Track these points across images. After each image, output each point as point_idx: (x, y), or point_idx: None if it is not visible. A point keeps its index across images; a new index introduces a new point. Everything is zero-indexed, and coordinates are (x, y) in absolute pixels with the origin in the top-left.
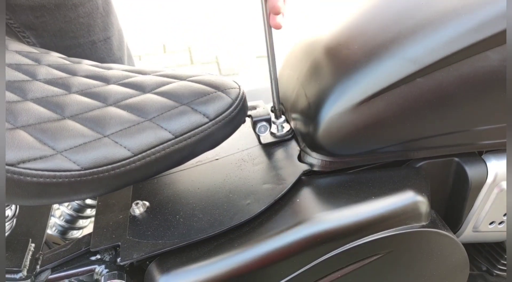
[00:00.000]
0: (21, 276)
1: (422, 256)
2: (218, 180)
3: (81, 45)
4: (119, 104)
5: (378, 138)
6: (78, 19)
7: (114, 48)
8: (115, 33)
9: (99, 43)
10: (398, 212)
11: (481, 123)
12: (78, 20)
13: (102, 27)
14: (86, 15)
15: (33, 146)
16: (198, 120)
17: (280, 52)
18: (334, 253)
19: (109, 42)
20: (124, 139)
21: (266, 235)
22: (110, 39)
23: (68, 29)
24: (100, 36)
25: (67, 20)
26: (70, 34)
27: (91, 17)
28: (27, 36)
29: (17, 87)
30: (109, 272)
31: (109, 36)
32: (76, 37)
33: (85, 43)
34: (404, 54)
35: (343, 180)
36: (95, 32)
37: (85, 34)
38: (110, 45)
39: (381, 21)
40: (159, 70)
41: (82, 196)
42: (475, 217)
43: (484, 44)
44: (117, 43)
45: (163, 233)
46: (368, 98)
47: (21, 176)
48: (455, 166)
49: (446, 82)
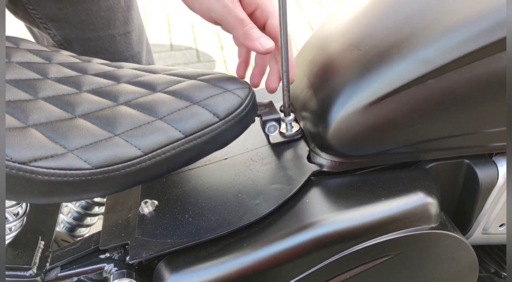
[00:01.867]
0: (31, 274)
1: (431, 258)
2: (227, 179)
3: (101, 38)
4: (130, 103)
5: (388, 139)
6: (99, 12)
7: (133, 43)
8: (135, 28)
9: (118, 37)
10: (408, 214)
11: (492, 126)
12: (99, 13)
13: (122, 21)
14: (107, 8)
15: (45, 144)
16: (208, 120)
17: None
18: (343, 254)
19: (128, 37)
20: (134, 139)
21: (275, 236)
22: (130, 33)
23: (88, 21)
24: (120, 30)
25: (88, 13)
26: (91, 27)
27: (111, 11)
28: (49, 28)
29: (29, 85)
30: (118, 270)
31: (129, 31)
32: (96, 30)
33: (105, 36)
34: (415, 55)
35: (353, 181)
36: (115, 26)
37: (105, 27)
38: (129, 39)
39: (393, 21)
40: (170, 69)
41: (92, 195)
42: (485, 219)
43: (496, 46)
44: (136, 38)
45: (172, 232)
46: (379, 99)
47: (33, 174)
48: (465, 168)
49: (458, 84)
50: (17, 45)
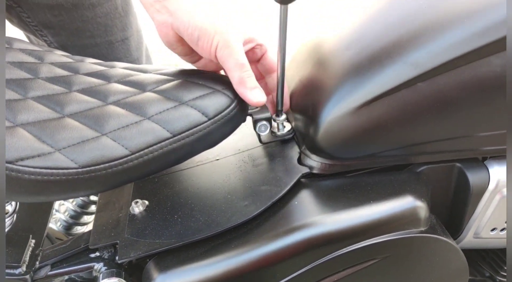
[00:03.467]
0: (20, 272)
1: (420, 262)
2: (218, 180)
3: (98, 45)
4: (119, 103)
5: (378, 142)
6: (96, 19)
7: (132, 48)
8: (133, 34)
9: (116, 43)
10: (397, 217)
11: (484, 129)
12: (96, 20)
13: (120, 27)
14: (103, 15)
15: (32, 143)
16: (197, 119)
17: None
18: (331, 256)
19: (127, 43)
20: (122, 138)
21: (263, 237)
22: (128, 39)
23: (85, 28)
24: (118, 36)
25: (84, 20)
26: (87, 34)
27: (108, 18)
28: (45, 35)
29: (19, 85)
30: (107, 269)
31: (127, 37)
32: (93, 37)
33: (102, 43)
34: (405, 58)
35: (343, 183)
36: (113, 32)
37: (102, 34)
38: (127, 45)
39: (383, 24)
40: (161, 69)
41: (80, 194)
42: (476, 223)
43: (486, 49)
44: (135, 44)
45: (161, 233)
46: (369, 102)
47: (19, 173)
48: (457, 172)
49: (448, 87)
50: (10, 45)
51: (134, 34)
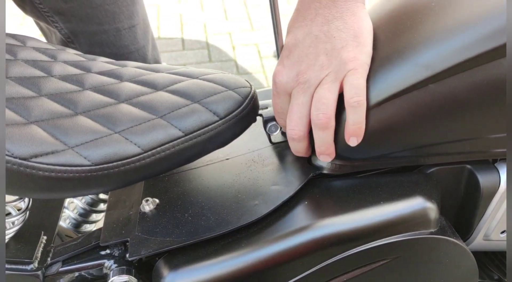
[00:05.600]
0: (32, 268)
1: (430, 263)
2: (228, 180)
3: (106, 31)
4: (131, 102)
5: (389, 143)
6: (104, 5)
7: (139, 36)
8: (140, 22)
9: (123, 31)
10: (407, 218)
11: (494, 131)
12: (104, 7)
13: (127, 15)
14: (112, 2)
15: (46, 140)
16: (208, 119)
17: None
18: (340, 257)
19: (133, 30)
20: (134, 136)
21: (273, 237)
22: (135, 27)
23: (94, 15)
24: (125, 24)
25: (93, 6)
26: (96, 20)
27: (116, 5)
28: (56, 21)
29: (33, 83)
30: (117, 267)
31: (134, 25)
32: (102, 24)
33: (110, 30)
34: (417, 59)
35: (352, 184)
36: (120, 20)
37: (110, 21)
38: (134, 33)
39: (394, 25)
40: (173, 68)
41: (92, 191)
42: (486, 225)
43: (498, 51)
44: (141, 32)
45: (172, 231)
46: (380, 103)
47: (33, 170)
48: (467, 173)
49: (459, 89)
50: (24, 43)
51: (140, 22)
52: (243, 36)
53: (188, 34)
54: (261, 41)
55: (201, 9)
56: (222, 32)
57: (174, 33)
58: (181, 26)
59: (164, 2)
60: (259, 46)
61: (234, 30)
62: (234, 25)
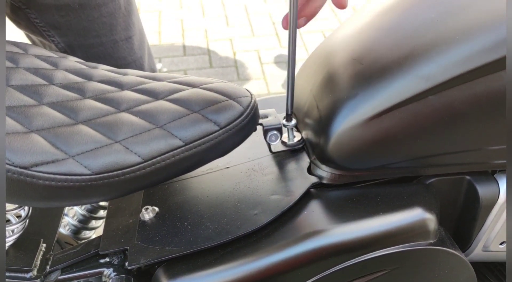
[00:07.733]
0: (31, 276)
1: (429, 274)
2: (228, 188)
3: (103, 44)
4: (132, 111)
5: (388, 154)
6: (101, 18)
7: (135, 47)
8: (136, 33)
9: (120, 42)
10: (406, 229)
11: (494, 143)
12: (101, 19)
13: (124, 26)
14: (108, 14)
15: (46, 149)
16: (209, 128)
17: None
18: (339, 267)
19: (130, 42)
20: (135, 146)
21: (272, 246)
22: (131, 38)
23: (91, 28)
24: (121, 35)
25: (90, 19)
26: (93, 33)
27: (113, 17)
28: (52, 35)
29: (34, 91)
30: (117, 275)
31: (131, 36)
32: (99, 36)
33: (107, 42)
34: (417, 71)
35: (352, 194)
36: (117, 32)
37: (107, 33)
38: (131, 44)
39: (395, 37)
40: (174, 77)
41: (92, 200)
42: (486, 237)
43: (498, 64)
44: (138, 43)
45: (171, 240)
46: (380, 114)
47: (34, 178)
48: (466, 184)
49: (459, 101)
50: (25, 51)
51: (136, 33)
52: (244, 42)
53: (189, 40)
54: (262, 47)
55: (202, 15)
56: (223, 38)
57: (175, 38)
58: (182, 31)
59: (166, 8)
60: (260, 52)
61: (235, 36)
62: (235, 31)
